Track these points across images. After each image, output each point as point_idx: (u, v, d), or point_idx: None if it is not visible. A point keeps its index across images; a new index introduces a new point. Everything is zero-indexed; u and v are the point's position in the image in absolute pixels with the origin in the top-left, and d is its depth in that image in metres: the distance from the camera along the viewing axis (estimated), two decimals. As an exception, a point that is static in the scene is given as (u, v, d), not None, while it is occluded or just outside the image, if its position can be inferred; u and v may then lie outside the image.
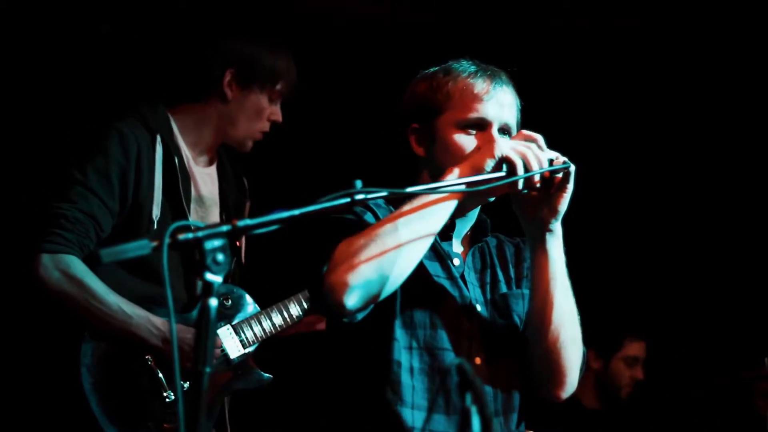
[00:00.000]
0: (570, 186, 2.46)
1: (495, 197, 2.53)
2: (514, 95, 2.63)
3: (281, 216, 1.92)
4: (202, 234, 1.82)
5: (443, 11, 4.70)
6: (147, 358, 3.21)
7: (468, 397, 1.87)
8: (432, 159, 2.60)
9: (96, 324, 3.16)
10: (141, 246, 1.80)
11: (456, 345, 2.53)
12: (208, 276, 1.81)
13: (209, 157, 3.54)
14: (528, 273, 2.71)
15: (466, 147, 2.54)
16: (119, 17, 4.31)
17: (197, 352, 1.80)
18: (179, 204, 3.32)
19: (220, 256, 1.82)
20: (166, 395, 3.22)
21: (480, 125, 2.56)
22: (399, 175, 2.59)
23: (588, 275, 2.71)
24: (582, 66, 4.96)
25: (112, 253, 1.79)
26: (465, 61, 2.64)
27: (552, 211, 2.49)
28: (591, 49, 4.92)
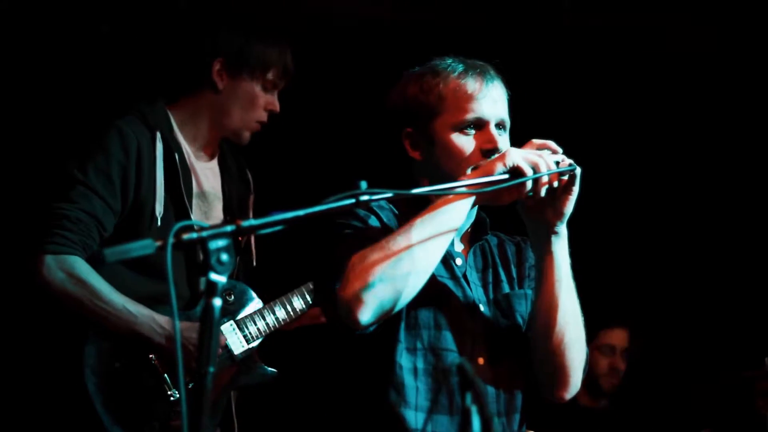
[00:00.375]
0: (576, 188, 2.45)
1: (505, 204, 2.48)
2: (503, 88, 2.62)
3: (286, 216, 1.92)
4: (206, 234, 1.82)
5: (443, 11, 4.69)
6: (151, 357, 3.21)
7: (468, 397, 1.87)
8: (430, 162, 2.59)
9: (101, 324, 3.15)
10: (145, 246, 1.80)
11: (460, 345, 2.53)
12: (212, 276, 1.81)
13: (210, 152, 3.53)
14: (530, 273, 2.72)
15: (466, 148, 2.54)
16: (119, 17, 4.31)
17: (201, 351, 1.80)
18: (181, 200, 3.31)
19: (224, 256, 1.81)
20: (170, 394, 3.21)
21: (477, 125, 2.55)
22: (394, 179, 2.58)
23: (587, 275, 2.70)
24: (581, 66, 4.95)
25: (115, 253, 1.79)
26: (450, 60, 2.62)
27: (557, 214, 2.48)
28: (590, 49, 4.91)
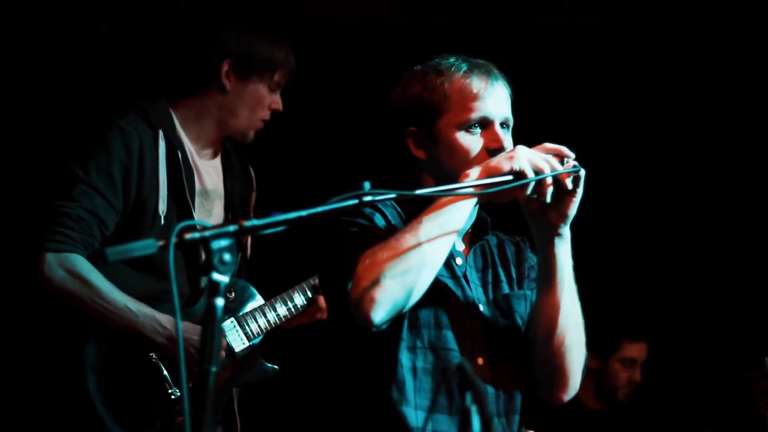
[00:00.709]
0: (580, 190, 2.44)
1: (505, 201, 2.47)
2: (507, 87, 2.62)
3: (288, 217, 1.92)
4: (209, 234, 1.82)
5: (443, 11, 4.69)
6: (151, 355, 3.21)
7: (468, 397, 1.87)
8: (435, 162, 2.58)
9: (101, 322, 3.15)
10: (147, 245, 1.80)
11: (460, 345, 2.53)
12: (215, 276, 1.81)
13: (213, 150, 3.53)
14: (529, 273, 2.72)
15: (472, 147, 2.53)
16: (119, 15, 4.31)
17: (203, 351, 1.80)
18: (184, 198, 3.31)
19: (227, 255, 1.81)
20: (171, 392, 3.21)
21: (482, 124, 2.55)
22: (396, 178, 2.57)
23: (588, 275, 2.70)
24: (581, 66, 4.95)
25: (118, 252, 1.79)
26: (453, 58, 2.61)
27: (561, 216, 2.48)
28: (590, 50, 4.91)
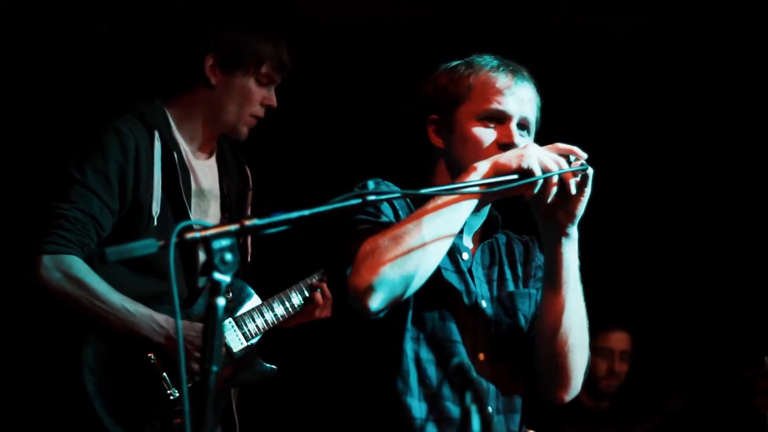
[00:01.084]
0: (588, 190, 2.44)
1: (508, 197, 2.47)
2: (534, 92, 2.63)
3: (291, 216, 1.91)
4: (209, 234, 1.81)
5: (443, 10, 4.69)
6: (149, 356, 3.19)
7: (468, 396, 1.86)
8: (450, 150, 2.60)
9: (99, 323, 3.14)
10: (147, 245, 1.79)
11: (463, 339, 2.54)
12: (216, 275, 1.80)
13: (208, 149, 3.52)
14: (536, 272, 2.72)
15: (484, 139, 2.54)
16: (118, 16, 4.30)
17: (204, 350, 1.79)
18: (180, 199, 3.30)
19: (228, 255, 1.80)
20: (170, 393, 3.20)
21: (499, 118, 2.56)
22: (415, 165, 2.60)
23: (588, 275, 2.70)
24: (580, 66, 4.95)
25: (117, 252, 1.78)
26: (487, 56, 2.64)
27: (569, 215, 2.47)
28: (590, 50, 4.91)
